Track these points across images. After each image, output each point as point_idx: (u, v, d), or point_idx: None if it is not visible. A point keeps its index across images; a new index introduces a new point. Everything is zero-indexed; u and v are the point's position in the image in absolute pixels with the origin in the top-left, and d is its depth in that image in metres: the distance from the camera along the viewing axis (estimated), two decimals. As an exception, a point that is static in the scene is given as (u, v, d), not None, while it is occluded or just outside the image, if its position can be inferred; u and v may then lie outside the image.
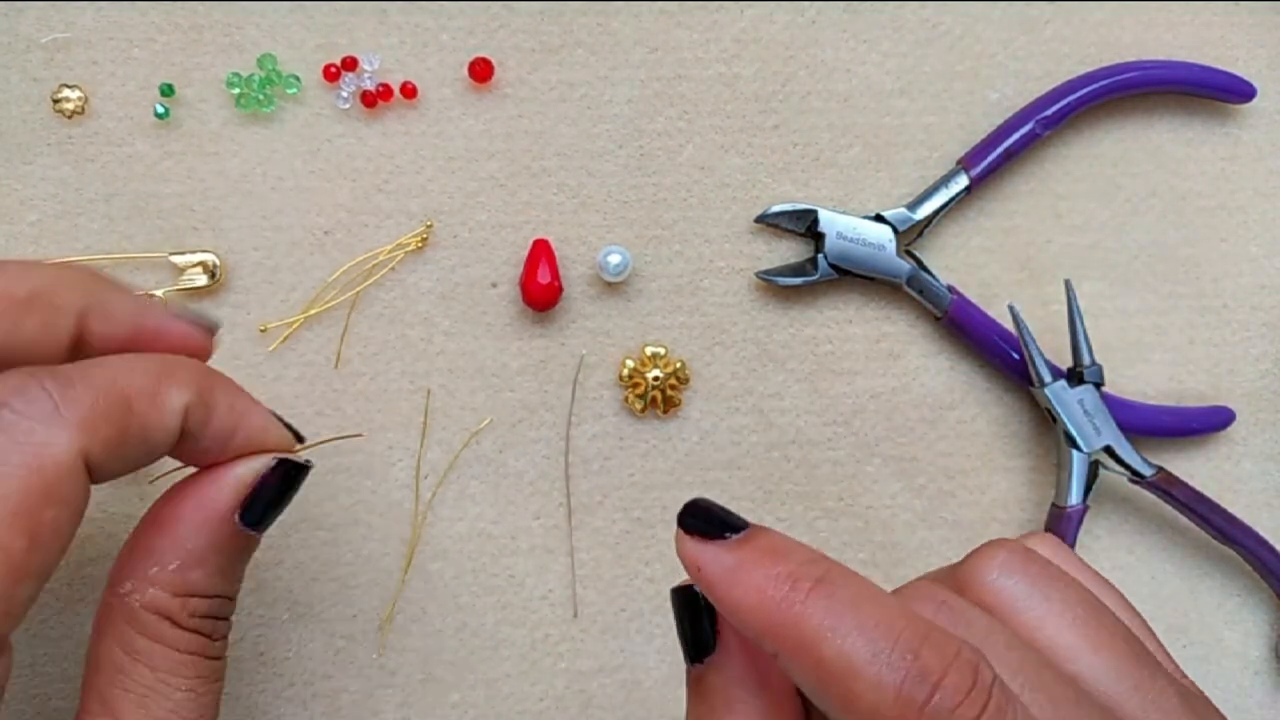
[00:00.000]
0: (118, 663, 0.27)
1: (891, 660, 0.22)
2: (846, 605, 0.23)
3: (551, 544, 0.41)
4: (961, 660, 0.22)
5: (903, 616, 0.23)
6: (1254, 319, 0.43)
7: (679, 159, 0.42)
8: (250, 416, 0.29)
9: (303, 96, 0.41)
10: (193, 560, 0.28)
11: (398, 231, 0.41)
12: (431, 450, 0.40)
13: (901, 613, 0.23)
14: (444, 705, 0.40)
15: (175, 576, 0.28)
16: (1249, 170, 0.44)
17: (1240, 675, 0.43)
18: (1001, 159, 0.41)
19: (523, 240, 0.41)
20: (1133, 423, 0.41)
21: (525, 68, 0.41)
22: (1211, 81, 0.43)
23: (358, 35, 0.41)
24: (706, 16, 0.42)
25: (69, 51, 0.40)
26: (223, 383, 0.29)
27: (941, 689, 0.22)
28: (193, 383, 0.28)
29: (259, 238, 0.40)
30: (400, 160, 0.41)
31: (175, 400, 0.27)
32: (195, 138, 0.40)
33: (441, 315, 0.41)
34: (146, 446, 0.27)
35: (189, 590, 0.28)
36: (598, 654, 0.41)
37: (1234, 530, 0.41)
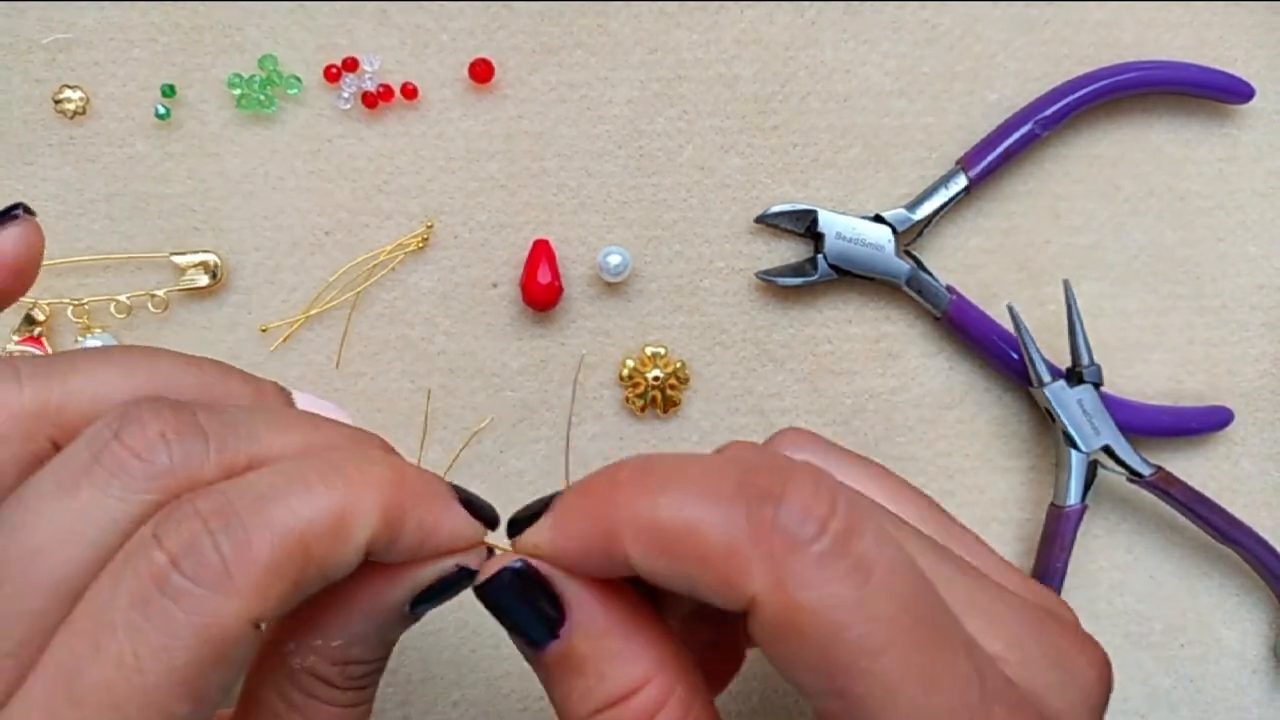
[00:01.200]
0: (273, 708, 0.27)
1: (730, 497, 0.23)
2: (661, 479, 0.23)
3: (551, 543, 0.41)
4: (792, 470, 0.23)
5: (717, 462, 0.23)
6: (1253, 319, 0.44)
7: (679, 159, 0.42)
8: (441, 528, 0.26)
9: (303, 97, 0.41)
10: (356, 639, 0.27)
11: (398, 232, 0.41)
12: (432, 450, 0.41)
13: (714, 460, 0.23)
14: (444, 704, 0.40)
15: (337, 652, 0.27)
16: (1248, 171, 0.44)
17: (1238, 674, 0.43)
18: (1000, 159, 0.41)
19: (523, 240, 0.41)
20: (1131, 422, 0.41)
21: (525, 68, 0.41)
22: (1210, 82, 0.43)
23: (358, 36, 0.41)
24: (706, 17, 0.42)
25: (70, 52, 0.40)
26: (413, 498, 0.26)
27: (786, 498, 0.22)
28: (380, 509, 0.25)
29: (260, 238, 0.40)
30: (401, 161, 0.41)
31: (359, 536, 0.24)
32: (196, 138, 0.40)
33: (442, 315, 0.41)
34: (322, 583, 0.25)
35: (349, 660, 0.27)
36: (598, 653, 0.41)
37: (1232, 530, 0.41)
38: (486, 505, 0.28)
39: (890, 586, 0.23)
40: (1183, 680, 0.43)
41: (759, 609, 0.23)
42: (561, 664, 0.25)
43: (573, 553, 0.25)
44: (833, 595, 0.22)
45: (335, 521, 0.24)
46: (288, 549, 0.23)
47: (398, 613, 0.27)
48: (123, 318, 0.40)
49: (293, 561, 0.23)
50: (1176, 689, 0.42)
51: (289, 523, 0.23)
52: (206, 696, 0.23)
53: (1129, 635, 0.42)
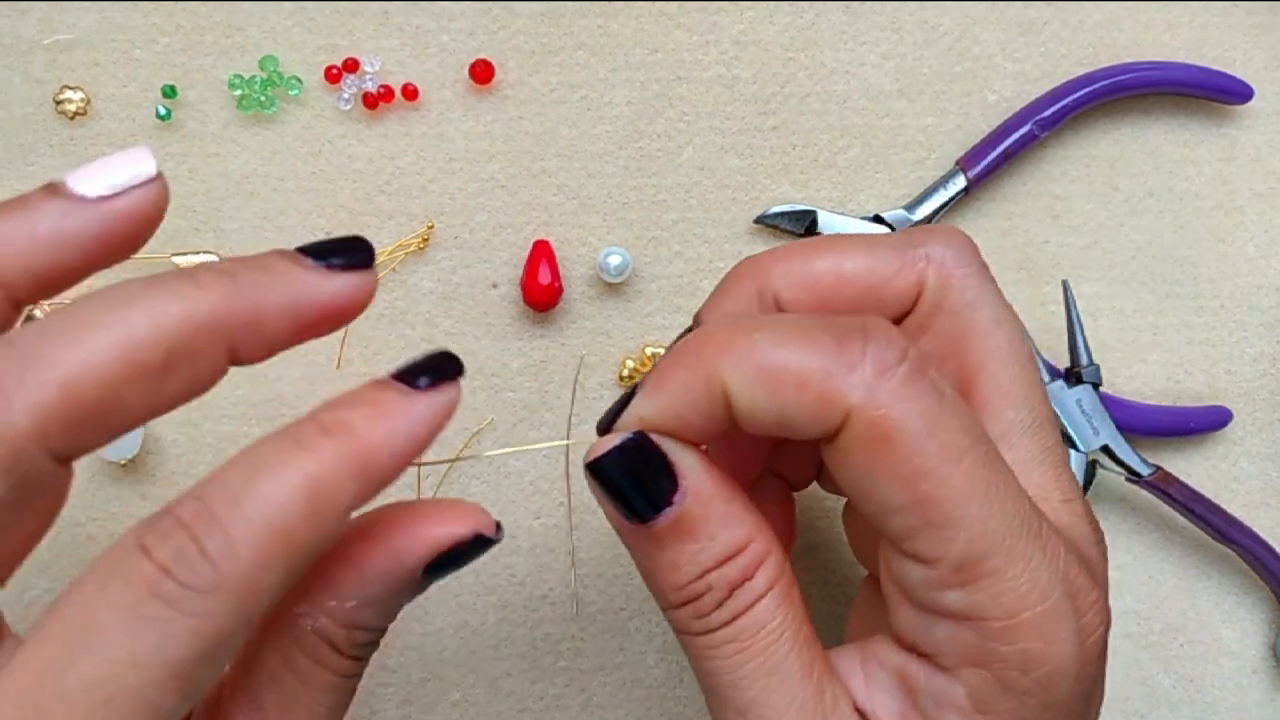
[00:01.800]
0: (274, 670, 0.27)
1: (817, 334, 0.26)
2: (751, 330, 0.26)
3: (552, 544, 0.41)
4: (864, 316, 0.26)
5: (794, 314, 0.28)
6: (1251, 319, 0.44)
7: (679, 160, 0.42)
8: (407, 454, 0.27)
9: (304, 98, 0.41)
10: (369, 601, 0.27)
11: (399, 232, 0.41)
12: (431, 450, 0.40)
13: (791, 314, 0.28)
14: (445, 704, 0.40)
15: (350, 613, 0.27)
16: (1246, 171, 0.44)
17: (1238, 674, 0.43)
18: (999, 160, 0.42)
19: (523, 241, 0.41)
20: (1130, 423, 0.41)
21: (526, 69, 0.41)
22: (1209, 83, 0.43)
23: (359, 37, 0.41)
24: (706, 18, 0.42)
25: (71, 53, 0.40)
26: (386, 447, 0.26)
27: (869, 333, 0.26)
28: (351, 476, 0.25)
29: (261, 239, 0.40)
30: (401, 161, 0.41)
31: (340, 507, 0.25)
32: (197, 139, 0.40)
33: (442, 316, 0.41)
34: (309, 563, 0.26)
35: (357, 625, 0.28)
36: (598, 653, 0.41)
37: (1231, 530, 0.41)
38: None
39: (958, 406, 0.26)
40: (1182, 680, 0.43)
41: (852, 424, 0.25)
42: (673, 531, 0.27)
43: (679, 409, 0.27)
44: (918, 408, 0.25)
45: (311, 504, 0.24)
46: (273, 544, 0.24)
47: (413, 575, 0.27)
48: (123, 318, 0.40)
49: (278, 555, 0.24)
50: (1176, 689, 0.43)
51: (266, 516, 0.24)
52: (194, 691, 0.24)
53: (1128, 635, 0.42)
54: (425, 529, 0.27)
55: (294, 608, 0.27)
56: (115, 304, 0.24)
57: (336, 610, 0.27)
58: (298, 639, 0.27)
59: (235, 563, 0.24)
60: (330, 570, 0.27)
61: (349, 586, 0.27)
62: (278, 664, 0.27)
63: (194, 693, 0.24)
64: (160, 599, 0.23)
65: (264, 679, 0.27)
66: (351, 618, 0.27)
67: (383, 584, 0.27)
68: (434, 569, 0.28)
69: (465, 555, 0.28)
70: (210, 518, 0.24)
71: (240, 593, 0.24)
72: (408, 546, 0.27)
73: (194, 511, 0.24)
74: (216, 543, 0.24)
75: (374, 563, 0.27)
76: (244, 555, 0.24)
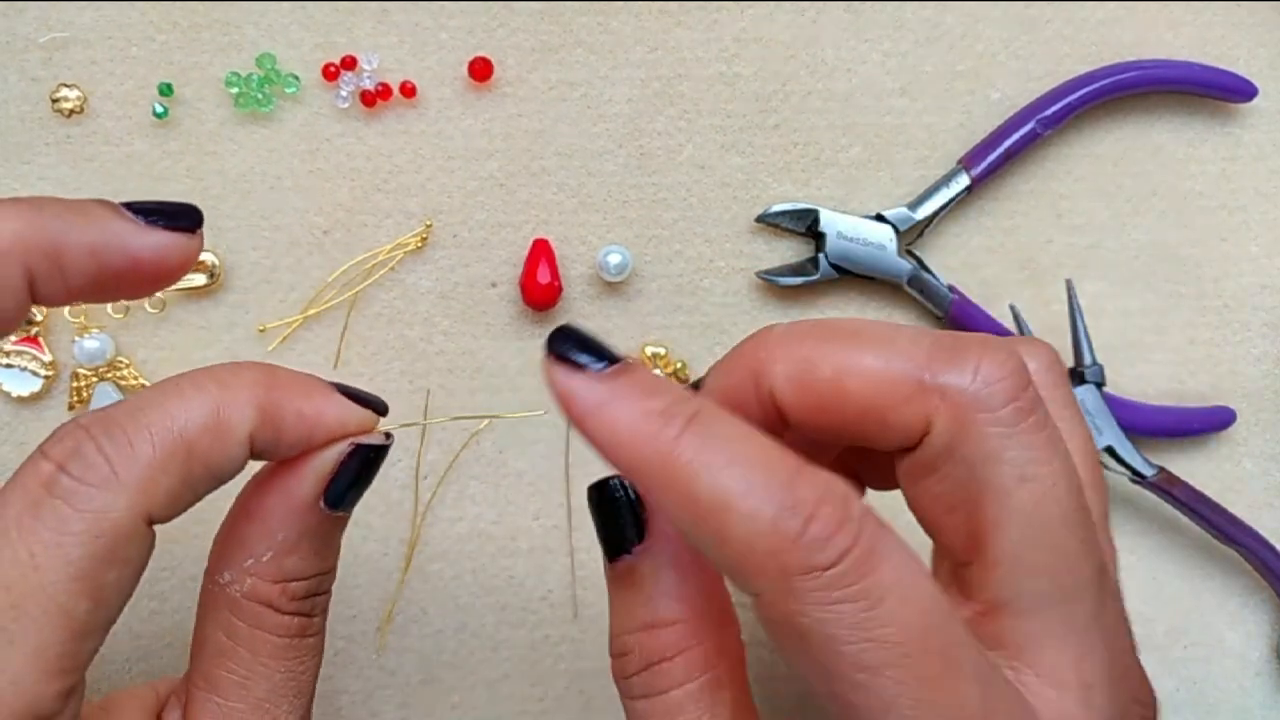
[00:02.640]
0: (220, 646, 0.28)
1: (765, 494, 0.23)
2: (720, 441, 0.23)
3: (551, 544, 0.41)
4: (834, 493, 0.23)
5: (776, 452, 0.24)
6: (1255, 319, 0.43)
7: (679, 159, 0.42)
8: (324, 415, 0.28)
9: (302, 96, 0.41)
10: (285, 548, 0.28)
11: (397, 231, 0.41)
12: (431, 450, 0.40)
13: (774, 449, 0.24)
14: (444, 706, 0.40)
15: (270, 566, 0.28)
16: (1250, 170, 0.44)
17: (1241, 676, 0.43)
18: (1002, 159, 0.41)
19: (522, 240, 0.41)
20: (1134, 423, 0.41)
21: (525, 67, 0.41)
22: (1212, 81, 0.43)
23: (357, 34, 0.41)
24: (706, 16, 0.42)
25: (67, 51, 0.40)
26: (288, 391, 0.27)
27: (815, 520, 0.22)
28: (254, 404, 0.26)
29: (258, 237, 0.40)
30: (399, 160, 0.41)
31: (239, 431, 0.26)
32: (194, 137, 0.40)
33: (441, 315, 0.41)
34: (213, 481, 0.27)
35: (286, 576, 0.28)
36: (598, 654, 0.41)
37: (1235, 530, 0.41)
38: (373, 396, 0.30)
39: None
40: (1186, 682, 0.42)
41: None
42: (623, 579, 0.28)
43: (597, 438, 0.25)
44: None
45: (212, 419, 0.26)
46: (169, 447, 0.25)
47: (314, 509, 0.28)
48: (120, 317, 0.40)
49: (175, 458, 0.25)
50: (1180, 691, 0.42)
51: (167, 424, 0.25)
52: (104, 597, 0.25)
53: (1131, 637, 0.42)
54: (304, 460, 0.28)
55: (217, 578, 0.28)
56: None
57: (256, 568, 0.28)
58: (232, 607, 0.28)
59: (131, 462, 0.25)
60: (236, 530, 0.28)
61: (257, 539, 0.28)
62: (221, 638, 0.28)
63: (105, 604, 0.25)
64: (57, 497, 0.24)
65: (212, 656, 0.28)
66: (274, 571, 0.28)
67: (287, 527, 0.28)
68: (334, 496, 0.28)
69: (359, 472, 0.28)
70: (109, 420, 0.25)
71: (135, 491, 0.25)
72: (294, 481, 0.28)
73: (95, 417, 0.25)
74: (114, 442, 0.25)
75: (269, 507, 0.28)
76: (141, 456, 0.25)
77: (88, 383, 0.39)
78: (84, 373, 0.39)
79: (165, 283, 0.28)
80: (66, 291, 0.27)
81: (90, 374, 0.39)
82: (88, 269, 0.27)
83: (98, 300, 0.28)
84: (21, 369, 0.39)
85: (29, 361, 0.39)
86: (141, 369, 0.40)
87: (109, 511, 0.24)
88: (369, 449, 0.28)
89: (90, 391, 0.39)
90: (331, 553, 0.29)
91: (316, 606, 0.29)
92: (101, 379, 0.39)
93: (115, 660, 0.39)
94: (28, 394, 0.39)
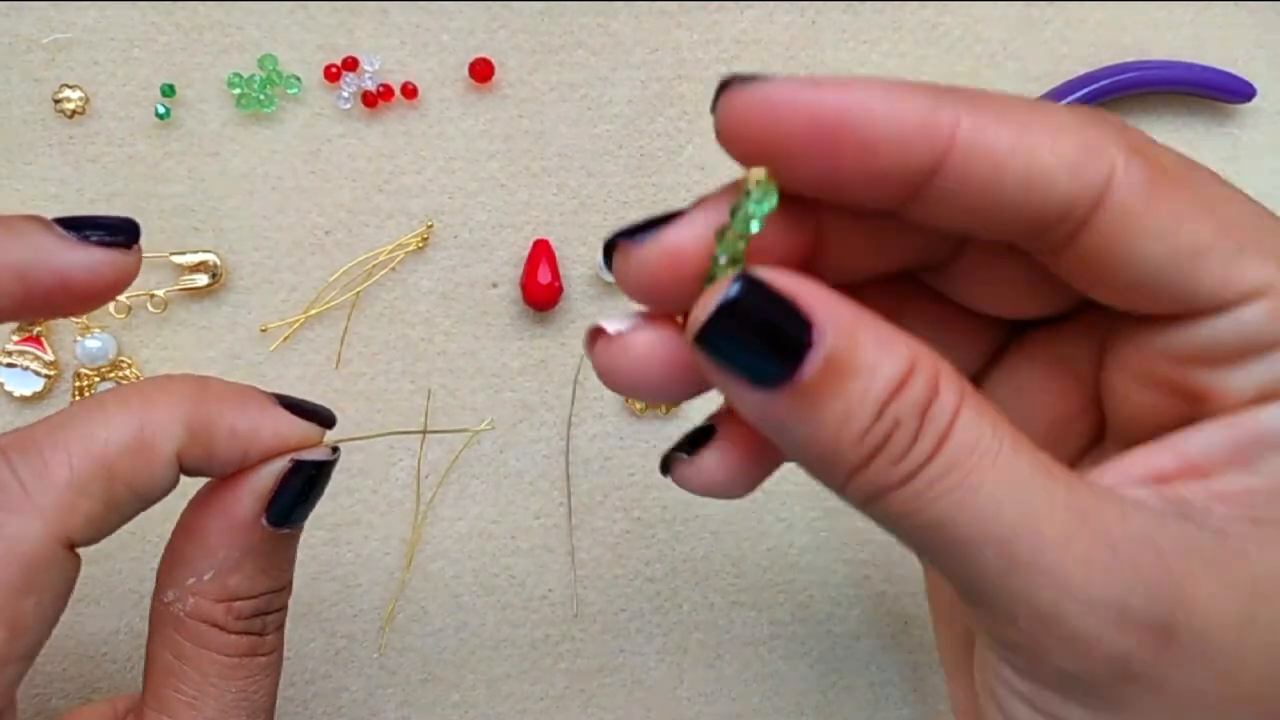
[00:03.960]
0: (168, 666, 0.27)
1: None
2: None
3: (552, 544, 0.41)
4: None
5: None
6: (1254, 319, 0.43)
7: (679, 159, 0.42)
8: (261, 430, 0.27)
9: (303, 97, 0.41)
10: (228, 567, 0.27)
11: (398, 231, 0.41)
12: (432, 450, 0.40)
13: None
14: (444, 705, 0.40)
15: (213, 586, 0.27)
16: (1249, 170, 0.44)
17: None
18: (1001, 159, 0.41)
19: (523, 240, 0.41)
20: (1133, 423, 0.41)
21: (526, 68, 0.41)
22: (1211, 81, 0.43)
23: (358, 35, 0.41)
24: (707, 17, 0.42)
25: (70, 51, 0.40)
26: (220, 405, 0.26)
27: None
28: (182, 421, 0.25)
29: (260, 238, 0.40)
30: (401, 160, 0.41)
31: (164, 449, 0.25)
32: (196, 138, 0.40)
33: (442, 315, 0.41)
34: (139, 503, 0.26)
35: (231, 595, 0.27)
36: (598, 654, 0.41)
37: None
38: (318, 406, 0.28)
39: None
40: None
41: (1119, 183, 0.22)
42: (827, 375, 0.21)
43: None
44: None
45: (134, 438, 0.25)
46: (88, 468, 0.24)
47: (255, 527, 0.27)
48: (122, 318, 0.40)
49: (95, 480, 0.24)
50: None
51: (86, 444, 0.24)
52: (22, 625, 0.24)
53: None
54: (242, 477, 0.27)
55: (163, 596, 0.27)
56: None
57: (199, 587, 0.27)
58: (178, 627, 0.27)
59: (46, 485, 0.24)
60: (179, 548, 0.27)
61: (198, 558, 0.27)
62: (168, 658, 0.27)
63: (24, 631, 0.24)
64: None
65: (161, 676, 0.27)
66: (218, 590, 0.27)
67: (228, 546, 0.27)
68: (278, 515, 0.27)
69: (303, 488, 0.27)
70: (25, 441, 0.24)
71: (51, 515, 0.24)
72: (231, 499, 0.27)
73: (12, 438, 0.25)
74: (29, 464, 0.24)
75: (209, 526, 0.27)
76: (57, 479, 0.24)
77: (90, 383, 0.39)
78: (86, 372, 0.39)
79: (101, 300, 0.27)
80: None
81: (92, 374, 0.39)
82: (13, 289, 0.25)
83: (29, 319, 0.27)
84: (24, 369, 0.39)
85: (31, 361, 0.39)
86: (144, 369, 0.40)
87: (24, 539, 0.24)
88: (312, 466, 0.27)
89: (92, 391, 0.39)
90: (281, 571, 0.28)
91: (268, 625, 0.28)
92: (103, 379, 0.39)
93: (118, 659, 0.39)
94: (30, 394, 0.39)
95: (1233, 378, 0.23)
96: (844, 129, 0.21)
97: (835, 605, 0.41)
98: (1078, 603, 0.21)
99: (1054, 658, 0.21)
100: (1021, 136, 0.22)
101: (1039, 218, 0.22)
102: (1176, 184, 0.22)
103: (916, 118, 0.21)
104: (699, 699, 0.41)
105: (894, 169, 0.21)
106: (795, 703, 0.41)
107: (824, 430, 0.21)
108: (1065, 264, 0.23)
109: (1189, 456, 0.23)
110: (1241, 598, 0.21)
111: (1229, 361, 0.23)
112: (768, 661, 0.41)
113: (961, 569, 0.22)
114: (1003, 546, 0.21)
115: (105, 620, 0.39)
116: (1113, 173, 0.22)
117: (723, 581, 0.41)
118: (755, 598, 0.41)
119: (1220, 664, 0.21)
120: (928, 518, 0.21)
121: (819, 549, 0.41)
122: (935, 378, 0.21)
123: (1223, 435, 0.23)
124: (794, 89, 0.21)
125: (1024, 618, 0.21)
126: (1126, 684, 0.21)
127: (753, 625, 0.41)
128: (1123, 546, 0.21)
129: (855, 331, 0.21)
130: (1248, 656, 0.22)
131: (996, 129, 0.22)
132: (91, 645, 0.39)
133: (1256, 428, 0.22)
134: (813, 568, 0.42)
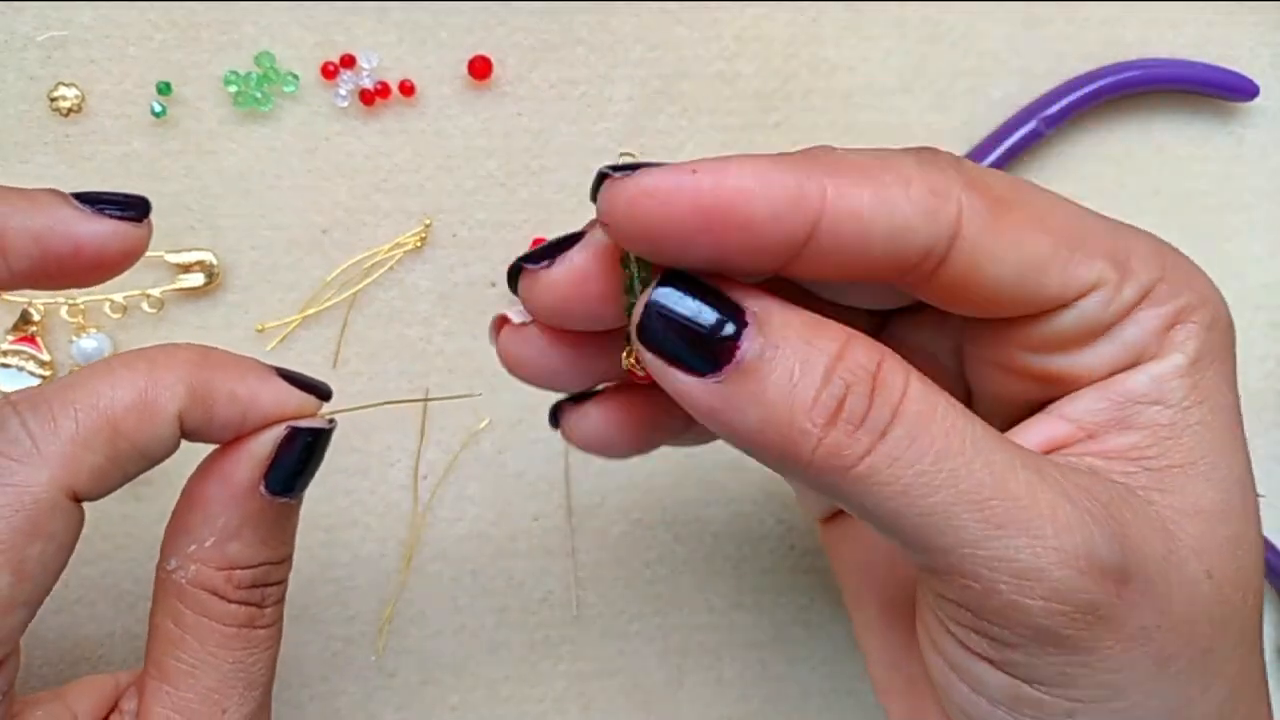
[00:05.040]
0: (169, 635, 0.28)
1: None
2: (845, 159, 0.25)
3: (551, 545, 0.40)
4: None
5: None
6: (1258, 318, 0.43)
7: (679, 157, 0.41)
8: (260, 397, 0.28)
9: (300, 95, 0.40)
10: (227, 535, 0.28)
11: (396, 230, 0.41)
12: (430, 451, 0.40)
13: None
14: (443, 707, 0.40)
15: (213, 553, 0.28)
16: (1252, 169, 0.44)
17: (1244, 677, 0.42)
18: (1004, 158, 0.41)
19: (522, 239, 0.41)
20: (1136, 423, 0.41)
21: (524, 66, 0.41)
22: (1214, 80, 0.43)
23: (356, 33, 0.41)
24: (707, 14, 0.42)
25: (66, 49, 0.40)
26: (221, 372, 0.28)
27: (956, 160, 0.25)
28: (184, 383, 0.27)
29: (257, 236, 0.40)
30: (399, 159, 0.41)
31: (167, 409, 0.27)
32: (192, 136, 0.40)
33: (440, 315, 0.41)
34: (143, 461, 0.27)
35: (231, 563, 0.28)
36: (598, 656, 0.40)
37: (1238, 531, 0.41)
38: (317, 381, 0.30)
39: None
40: (1188, 683, 0.42)
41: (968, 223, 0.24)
42: (767, 349, 0.23)
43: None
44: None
45: (139, 397, 0.26)
46: (94, 423, 0.26)
47: (253, 494, 0.28)
48: (118, 317, 0.40)
49: (100, 435, 0.26)
50: (1182, 692, 0.42)
51: (93, 401, 0.26)
52: (27, 571, 0.25)
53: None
54: (240, 444, 0.28)
55: (165, 565, 0.28)
56: None
57: (199, 554, 0.28)
58: (180, 595, 0.28)
59: (53, 438, 0.25)
60: (181, 516, 0.28)
61: (199, 525, 0.28)
62: (169, 626, 0.28)
63: (28, 577, 0.25)
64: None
65: (162, 644, 0.28)
66: (218, 557, 0.28)
67: (227, 512, 0.28)
68: (276, 482, 0.28)
69: (300, 457, 0.28)
70: (36, 397, 0.26)
71: (57, 466, 0.25)
72: (230, 465, 0.28)
73: (23, 394, 0.26)
74: (39, 417, 0.26)
75: (209, 493, 0.28)
76: (64, 432, 0.25)
77: (85, 382, 0.39)
78: (82, 372, 0.39)
79: (112, 270, 0.29)
80: (9, 275, 0.27)
81: (88, 374, 0.39)
82: (30, 252, 0.27)
83: (41, 287, 0.28)
84: (19, 368, 0.39)
85: (26, 361, 0.39)
86: (139, 369, 0.39)
87: (30, 486, 0.25)
88: (309, 433, 0.28)
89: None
90: (281, 542, 0.29)
91: (267, 597, 0.29)
92: (99, 379, 0.39)
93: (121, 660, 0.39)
94: (25, 394, 0.39)
95: (1082, 358, 0.26)
96: (724, 214, 0.23)
97: (836, 607, 0.41)
98: (1055, 555, 0.22)
99: (1034, 616, 0.23)
100: (879, 192, 0.23)
101: (904, 261, 0.24)
102: (1012, 208, 0.24)
103: (787, 194, 0.23)
104: (699, 702, 0.41)
105: (772, 243, 0.23)
106: (797, 706, 0.41)
107: (776, 404, 0.22)
108: (928, 291, 0.25)
109: (1078, 422, 0.26)
110: (1162, 538, 0.24)
111: (1077, 346, 0.25)
112: (769, 664, 0.41)
113: (939, 538, 0.22)
114: (979, 507, 0.22)
115: (101, 623, 0.39)
116: (960, 210, 0.24)
117: (724, 583, 0.41)
118: (756, 600, 0.41)
119: (1156, 600, 0.24)
120: (899, 487, 0.22)
121: (820, 551, 0.41)
122: (876, 350, 0.23)
123: (1099, 401, 0.26)
124: (674, 179, 0.24)
125: (1006, 579, 0.22)
126: (1092, 628, 0.23)
127: (754, 628, 0.41)
128: (1077, 499, 0.23)
129: (784, 310, 0.23)
130: (1173, 590, 0.24)
131: (857, 191, 0.23)
132: (88, 647, 0.39)
133: (1124, 390, 0.25)
134: (814, 570, 0.41)
